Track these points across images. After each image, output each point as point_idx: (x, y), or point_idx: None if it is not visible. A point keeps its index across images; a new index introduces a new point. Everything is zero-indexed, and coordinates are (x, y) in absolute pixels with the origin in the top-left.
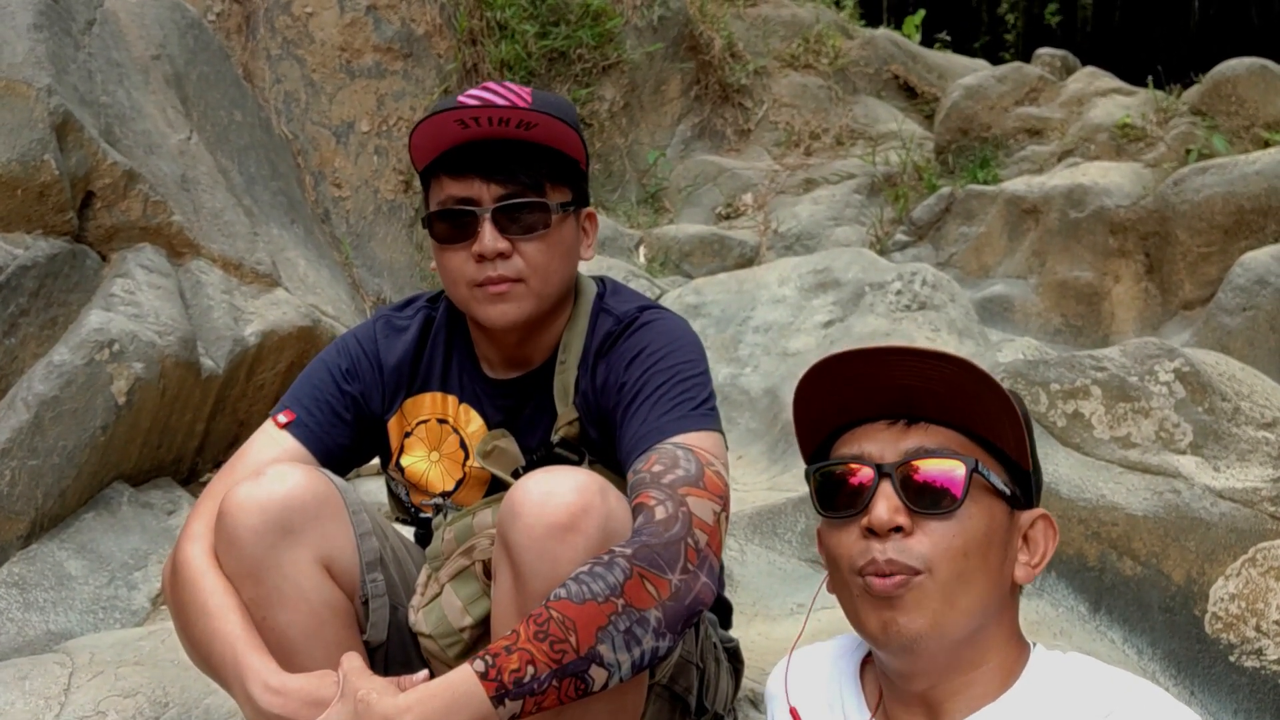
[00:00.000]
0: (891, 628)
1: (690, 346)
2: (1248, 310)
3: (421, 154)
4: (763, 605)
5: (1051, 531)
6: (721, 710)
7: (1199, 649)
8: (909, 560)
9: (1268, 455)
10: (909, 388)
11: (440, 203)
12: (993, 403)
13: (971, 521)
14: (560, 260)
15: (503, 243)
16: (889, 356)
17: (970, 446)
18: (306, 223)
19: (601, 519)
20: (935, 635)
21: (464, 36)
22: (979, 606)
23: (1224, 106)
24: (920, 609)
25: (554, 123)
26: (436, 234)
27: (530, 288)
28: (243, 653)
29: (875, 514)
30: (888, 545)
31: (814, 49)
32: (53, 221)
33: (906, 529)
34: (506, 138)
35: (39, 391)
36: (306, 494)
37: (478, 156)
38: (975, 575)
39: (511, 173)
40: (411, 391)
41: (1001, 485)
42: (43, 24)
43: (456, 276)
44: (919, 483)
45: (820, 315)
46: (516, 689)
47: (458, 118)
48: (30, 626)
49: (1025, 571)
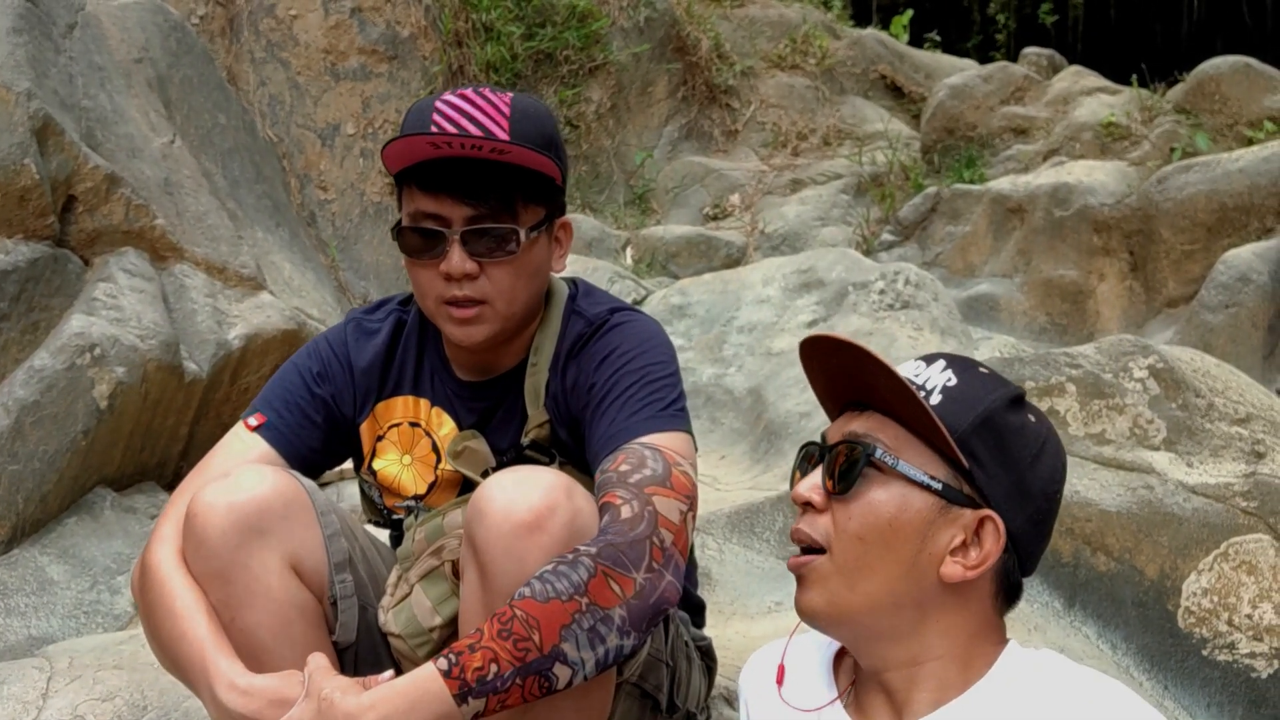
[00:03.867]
0: (798, 603)
1: (660, 348)
2: (1230, 307)
3: (394, 162)
4: (741, 604)
5: (995, 534)
6: (694, 708)
7: (1172, 643)
8: (813, 534)
9: (1240, 451)
10: (853, 377)
11: (410, 216)
12: (895, 391)
13: (873, 507)
14: (527, 281)
15: (470, 264)
16: (820, 346)
17: (903, 437)
18: (292, 226)
19: (568, 518)
20: (833, 615)
21: (449, 38)
22: (883, 593)
23: (1208, 105)
24: (817, 588)
25: (525, 153)
26: (405, 247)
27: (496, 310)
28: (209, 654)
29: (796, 488)
30: (802, 519)
31: (801, 49)
32: (34, 226)
33: (819, 506)
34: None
35: (20, 396)
36: (274, 495)
37: (450, 174)
38: (875, 561)
39: (483, 195)
40: (383, 395)
41: (922, 476)
42: (22, 27)
43: (425, 290)
44: (836, 465)
45: (804, 315)
46: (480, 687)
47: (430, 140)
48: (11, 632)
49: (955, 570)
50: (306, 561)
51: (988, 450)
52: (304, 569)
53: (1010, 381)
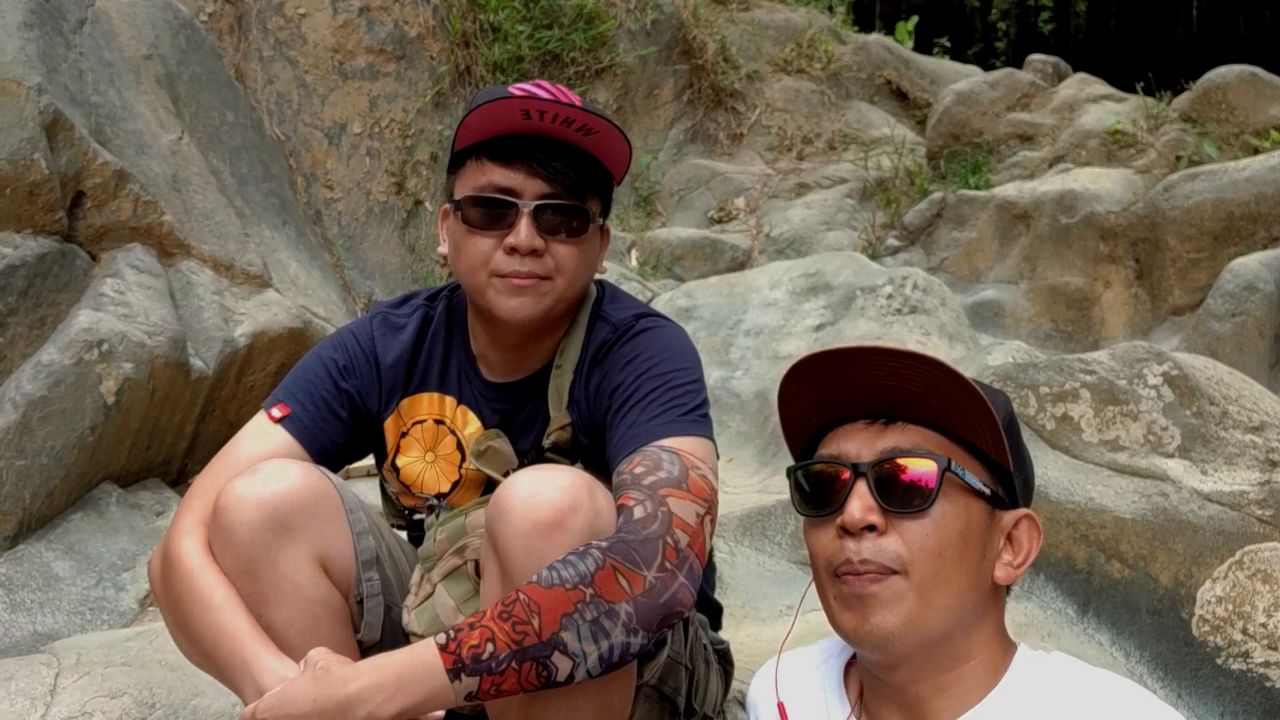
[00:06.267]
0: (864, 627)
1: (685, 355)
2: (1237, 316)
3: (471, 134)
4: (752, 607)
5: (1035, 532)
6: (710, 712)
7: (1186, 652)
8: (883, 559)
9: (1255, 459)
10: (886, 387)
11: (479, 188)
12: (967, 401)
13: (946, 520)
14: (586, 267)
15: (538, 240)
16: (863, 356)
17: (947, 446)
18: (298, 224)
19: (589, 517)
20: (909, 634)
21: (457, 39)
22: (956, 606)
23: (1214, 113)
24: (893, 608)
25: (614, 133)
26: (469, 218)
27: (555, 286)
28: (251, 647)
29: (849, 513)
30: (862, 544)
31: (807, 54)
32: (42, 221)
33: (880, 528)
34: (562, 138)
35: (27, 391)
36: (304, 491)
37: (529, 149)
38: (952, 575)
39: (560, 172)
40: (408, 391)
41: (979, 484)
42: (33, 22)
43: (479, 263)
44: (893, 482)
45: (811, 319)
46: (474, 665)
47: (524, 107)
48: (17, 627)
49: (1006, 572)
50: (334, 559)
51: (1013, 450)
52: (332, 566)
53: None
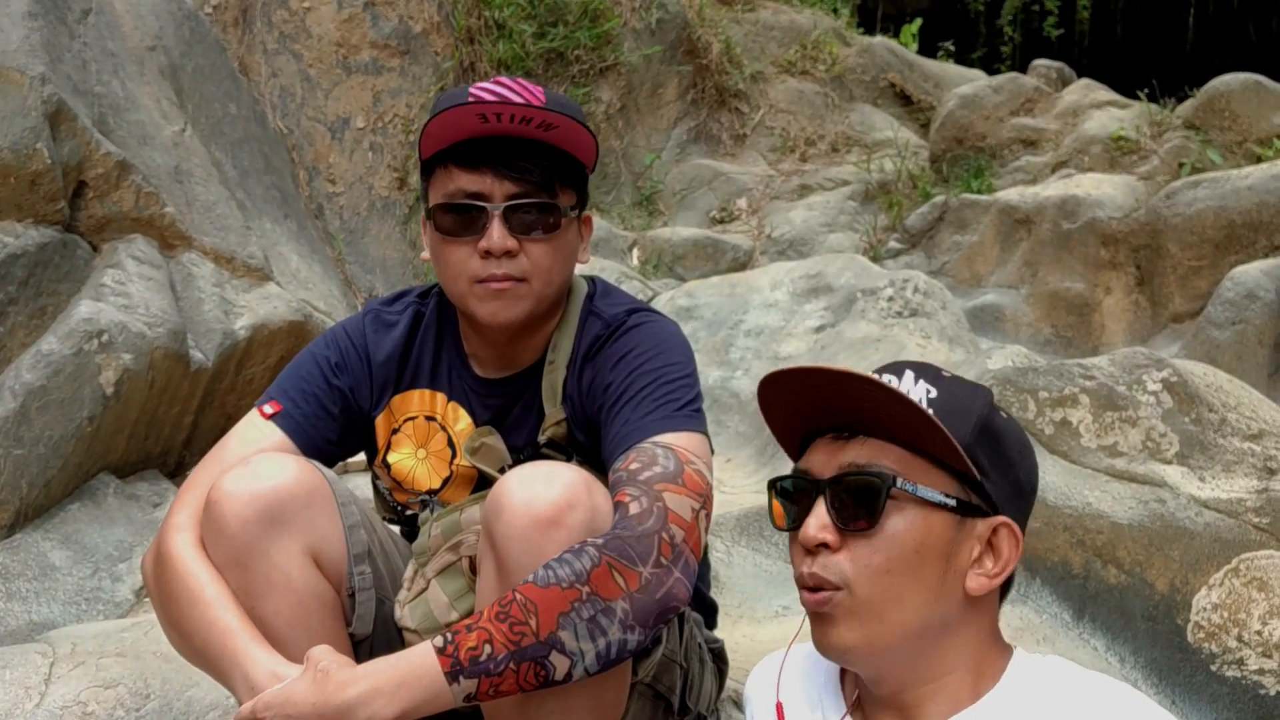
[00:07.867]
0: (826, 640)
1: (677, 349)
2: (1237, 324)
3: (433, 142)
4: (748, 607)
5: (1013, 540)
6: (705, 710)
7: (1181, 658)
8: (829, 576)
9: (1253, 466)
10: (842, 400)
11: (448, 195)
12: (911, 417)
13: (898, 536)
14: (563, 263)
15: (511, 241)
16: (809, 376)
17: (906, 459)
18: (299, 218)
19: (587, 515)
20: (866, 648)
21: (462, 35)
22: (916, 620)
23: (1217, 121)
24: (846, 623)
25: (573, 125)
26: (441, 226)
27: (532, 288)
28: (243, 643)
29: (804, 530)
30: (815, 561)
31: (811, 55)
32: (44, 210)
33: (834, 545)
34: (524, 136)
35: (26, 380)
36: (296, 484)
37: (493, 151)
38: (905, 590)
39: (525, 171)
40: (400, 388)
41: (938, 497)
42: (38, 12)
43: (457, 271)
44: (845, 499)
45: (812, 320)
46: (472, 667)
47: (479, 111)
48: (12, 616)
49: (979, 582)
50: (326, 552)
51: (988, 457)
52: (323, 560)
53: (976, 383)
